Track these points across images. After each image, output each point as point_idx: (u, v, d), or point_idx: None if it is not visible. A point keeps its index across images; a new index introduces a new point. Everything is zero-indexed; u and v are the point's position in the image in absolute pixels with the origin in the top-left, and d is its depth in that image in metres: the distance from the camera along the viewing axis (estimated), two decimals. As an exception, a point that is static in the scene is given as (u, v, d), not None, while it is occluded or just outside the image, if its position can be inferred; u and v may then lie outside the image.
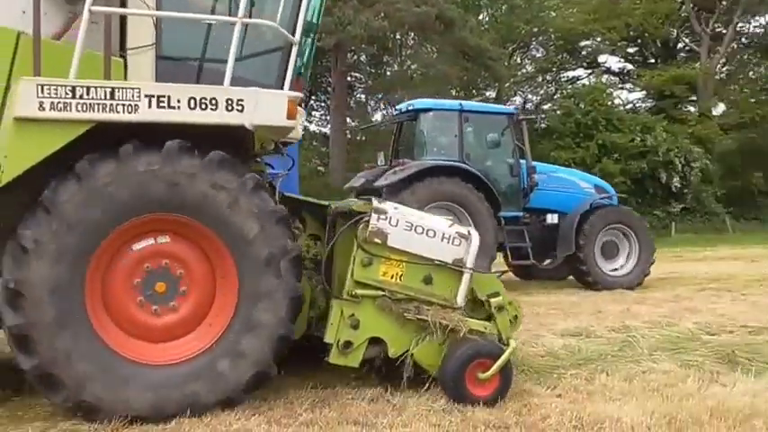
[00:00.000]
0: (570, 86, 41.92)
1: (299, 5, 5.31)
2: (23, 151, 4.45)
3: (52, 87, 4.46)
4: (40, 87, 4.44)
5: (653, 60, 42.32)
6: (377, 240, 5.22)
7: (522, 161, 13.01)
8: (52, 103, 4.46)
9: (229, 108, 4.80)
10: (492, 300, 5.52)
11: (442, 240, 5.35)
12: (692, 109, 39.91)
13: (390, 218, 5.26)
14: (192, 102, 4.73)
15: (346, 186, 13.92)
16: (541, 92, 44.29)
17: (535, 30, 39.87)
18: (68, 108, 4.50)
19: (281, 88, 5.17)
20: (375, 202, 5.32)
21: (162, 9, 5.11)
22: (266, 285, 4.91)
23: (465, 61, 33.72)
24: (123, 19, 5.07)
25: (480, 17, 40.46)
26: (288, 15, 5.41)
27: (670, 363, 6.39)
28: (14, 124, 4.43)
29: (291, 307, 4.98)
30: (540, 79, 44.02)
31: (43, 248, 4.45)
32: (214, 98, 4.77)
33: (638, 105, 41.73)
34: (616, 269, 12.86)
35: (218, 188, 4.79)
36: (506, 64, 38.47)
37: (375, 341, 5.29)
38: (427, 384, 5.37)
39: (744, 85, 40.92)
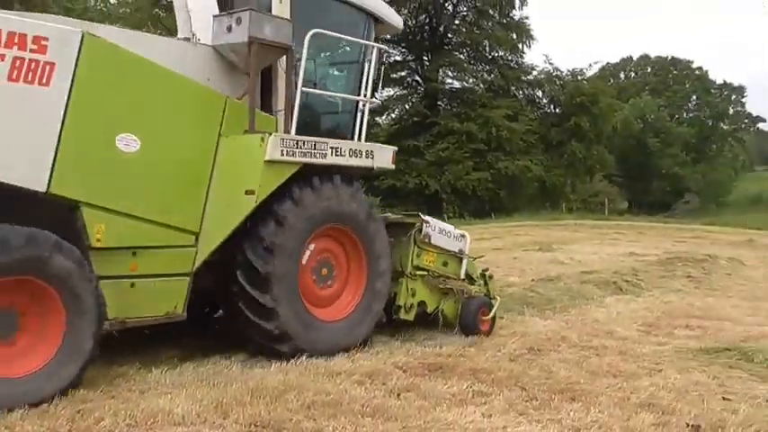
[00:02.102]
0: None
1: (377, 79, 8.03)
2: (270, 180, 6.56)
3: (286, 140, 6.65)
4: (281, 140, 6.58)
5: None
6: (425, 240, 8.07)
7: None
8: (286, 150, 6.62)
9: (367, 156, 7.50)
10: (486, 273, 8.79)
11: (451, 238, 8.41)
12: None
13: (431, 226, 8.15)
14: (351, 152, 7.31)
15: None
16: None
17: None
18: (294, 154, 6.69)
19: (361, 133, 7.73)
20: (423, 217, 8.20)
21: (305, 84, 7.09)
22: (382, 267, 7.52)
23: None
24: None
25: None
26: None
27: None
28: (265, 164, 6.46)
29: (390, 281, 7.66)
30: None
31: (279, 247, 6.59)
32: (360, 150, 7.45)
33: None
34: None
35: (360, 206, 7.34)
36: None
37: (421, 303, 8.05)
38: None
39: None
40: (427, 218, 8.23)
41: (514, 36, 43.90)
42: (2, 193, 5.26)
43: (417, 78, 44.91)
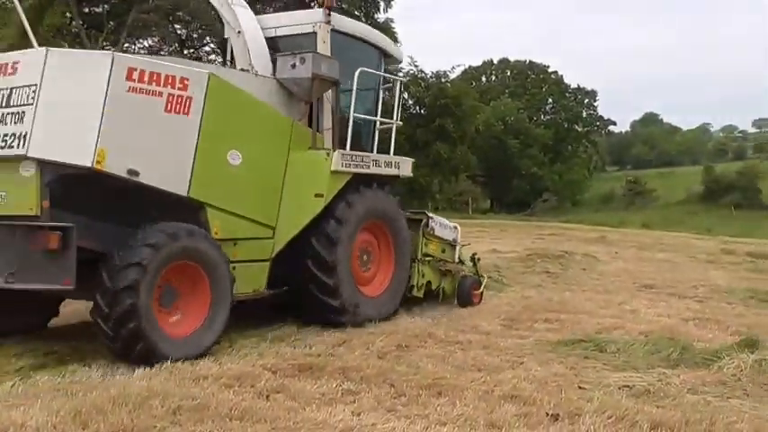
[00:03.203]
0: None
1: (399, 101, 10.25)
2: (333, 186, 8.50)
3: (345, 155, 8.64)
4: (341, 155, 8.56)
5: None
6: (431, 232, 10.28)
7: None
8: (346, 163, 8.64)
9: (395, 167, 9.67)
10: (475, 257, 11.11)
11: (447, 230, 10.69)
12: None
13: (435, 221, 10.44)
14: (385, 163, 9.49)
15: None
16: None
17: None
18: (349, 166, 8.71)
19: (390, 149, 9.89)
20: (428, 214, 10.50)
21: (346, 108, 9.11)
22: (404, 254, 9.59)
23: None
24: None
25: None
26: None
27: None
28: (331, 174, 8.42)
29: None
30: None
31: (339, 242, 8.44)
32: (391, 161, 9.64)
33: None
34: None
35: (392, 205, 9.48)
36: None
37: (428, 282, 10.19)
38: None
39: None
40: (431, 214, 10.55)
41: (379, 38, 44.19)
42: (159, 196, 7.01)
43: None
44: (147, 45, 36.73)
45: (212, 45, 40.79)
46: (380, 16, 41.93)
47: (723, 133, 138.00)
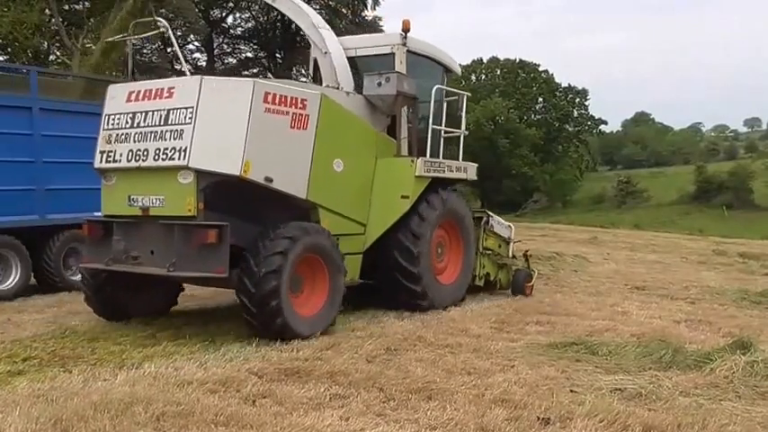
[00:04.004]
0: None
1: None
2: (417, 189, 9.90)
3: (426, 162, 10.04)
4: (424, 162, 9.98)
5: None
6: (490, 228, 11.71)
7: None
8: (427, 169, 10.06)
9: (464, 171, 11.06)
10: (527, 253, 12.55)
11: (503, 228, 12.07)
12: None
13: (493, 219, 11.86)
14: (456, 168, 10.85)
15: None
16: None
17: None
18: (430, 171, 10.13)
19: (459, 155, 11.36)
20: (488, 212, 11.96)
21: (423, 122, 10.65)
22: (470, 248, 10.98)
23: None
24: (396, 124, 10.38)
25: None
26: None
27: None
28: (415, 178, 9.83)
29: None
30: None
31: (422, 236, 9.80)
32: (461, 166, 11.02)
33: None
34: None
35: (461, 204, 10.94)
36: None
37: (487, 274, 11.57)
38: None
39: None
40: (490, 213, 12.00)
41: (367, 36, 43.99)
42: (283, 199, 8.47)
43: (270, 76, 44.39)
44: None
45: (196, 44, 40.68)
46: (368, 14, 41.84)
47: (714, 133, 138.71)
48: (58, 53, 35.77)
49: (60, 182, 11.80)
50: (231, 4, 41.14)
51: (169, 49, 33.60)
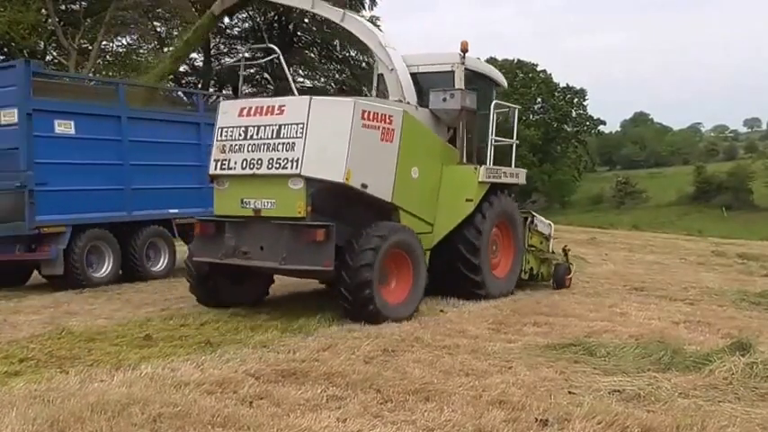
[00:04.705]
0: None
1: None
2: (479, 193, 11.08)
3: (488, 169, 11.31)
4: (485, 169, 11.21)
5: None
6: (534, 227, 12.85)
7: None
8: (488, 175, 11.26)
9: (517, 177, 12.31)
10: (566, 248, 13.60)
11: (544, 226, 13.25)
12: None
13: (537, 218, 13.02)
14: (511, 174, 12.07)
15: None
16: None
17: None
18: (490, 177, 11.31)
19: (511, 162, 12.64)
20: (533, 212, 13.11)
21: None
22: (519, 245, 12.08)
23: None
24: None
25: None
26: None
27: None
28: (478, 183, 11.07)
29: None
30: None
31: (483, 232, 10.96)
32: (513, 172, 12.26)
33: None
34: None
35: (513, 206, 12.06)
36: None
37: (531, 268, 12.61)
38: None
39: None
40: (534, 213, 13.14)
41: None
42: (372, 202, 9.67)
43: (267, 77, 44.27)
44: (125, 43, 36.49)
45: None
46: (366, 13, 41.74)
47: (714, 133, 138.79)
48: (54, 53, 35.70)
49: (143, 182, 13.48)
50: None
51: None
